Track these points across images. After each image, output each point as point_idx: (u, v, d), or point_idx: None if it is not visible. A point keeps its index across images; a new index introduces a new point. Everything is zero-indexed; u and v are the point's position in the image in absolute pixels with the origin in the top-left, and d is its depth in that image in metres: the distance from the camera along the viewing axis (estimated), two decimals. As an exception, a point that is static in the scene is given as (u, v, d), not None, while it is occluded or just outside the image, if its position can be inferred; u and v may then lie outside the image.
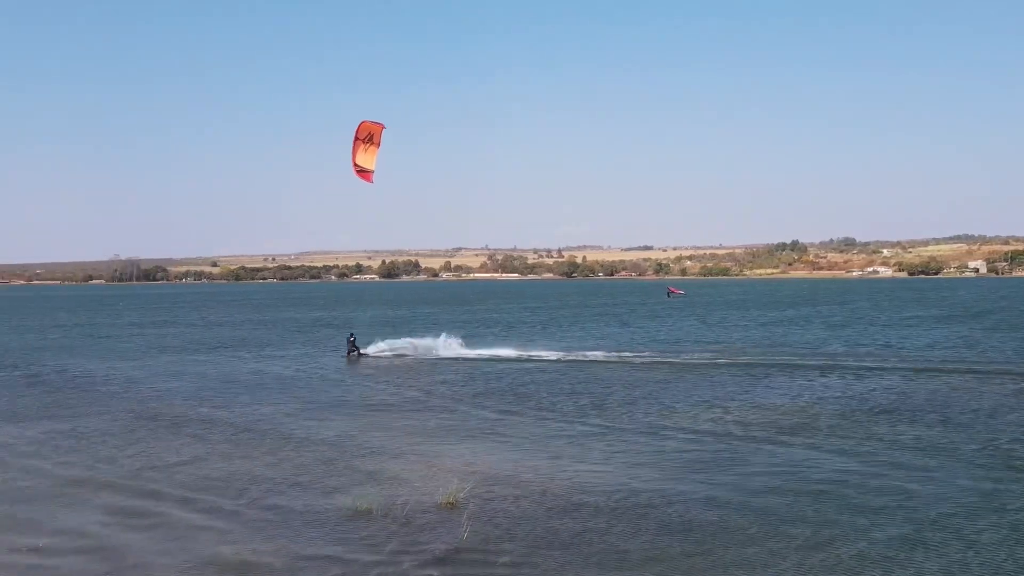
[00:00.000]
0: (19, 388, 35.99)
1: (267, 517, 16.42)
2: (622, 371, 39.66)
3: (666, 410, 28.34)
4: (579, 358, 45.27)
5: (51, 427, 26.26)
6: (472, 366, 42.49)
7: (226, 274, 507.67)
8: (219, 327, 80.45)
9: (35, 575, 13.46)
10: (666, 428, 25.25)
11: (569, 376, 37.79)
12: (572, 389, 33.53)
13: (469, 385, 35.27)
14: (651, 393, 32.21)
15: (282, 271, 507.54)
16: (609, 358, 45.17)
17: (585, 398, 31.15)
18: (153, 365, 45.22)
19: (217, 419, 27.65)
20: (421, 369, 41.41)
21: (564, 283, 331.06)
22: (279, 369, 42.90)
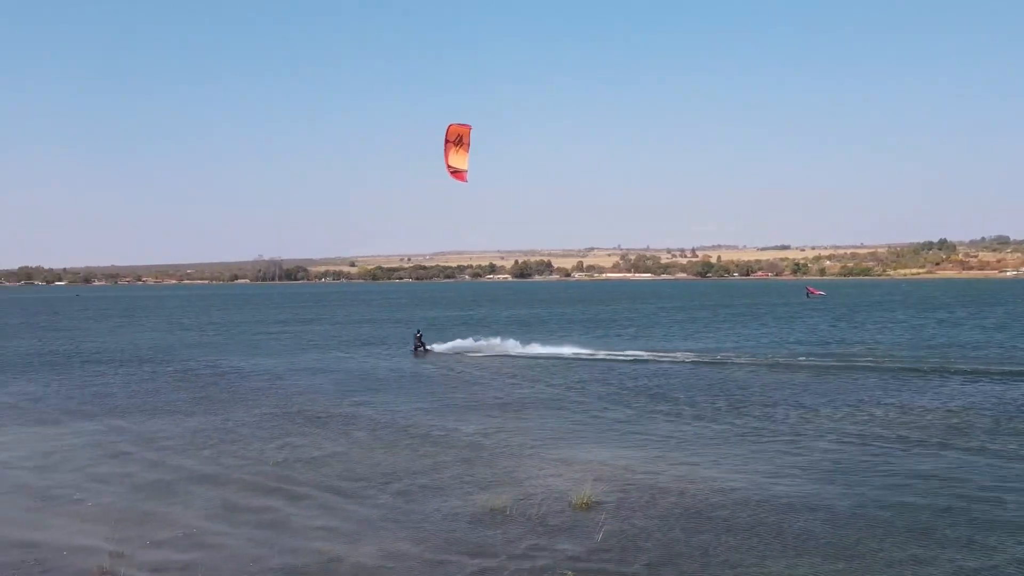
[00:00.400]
0: (173, 383, 37.64)
1: (405, 513, 16.63)
2: (760, 373, 38.63)
3: (808, 413, 27.40)
4: (716, 359, 44.33)
5: (203, 420, 27.30)
6: (607, 366, 42.13)
7: (363, 274, 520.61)
8: (359, 325, 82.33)
9: (186, 559, 13.90)
10: (808, 431, 24.40)
11: (706, 377, 37.04)
12: (709, 390, 32.81)
13: (604, 385, 34.94)
14: (791, 395, 31.22)
15: (417, 271, 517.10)
16: (746, 359, 44.05)
17: (723, 399, 30.43)
18: (297, 361, 46.61)
19: (358, 415, 28.23)
20: (555, 369, 41.24)
21: (698, 283, 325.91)
22: (417, 367, 43.55)
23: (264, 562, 13.78)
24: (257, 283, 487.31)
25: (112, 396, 33.25)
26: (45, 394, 34.03)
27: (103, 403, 31.32)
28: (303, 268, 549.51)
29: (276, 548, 14.39)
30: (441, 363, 44.88)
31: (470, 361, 45.47)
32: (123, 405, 30.75)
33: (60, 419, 27.77)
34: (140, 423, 26.89)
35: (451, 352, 50.20)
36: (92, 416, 28.32)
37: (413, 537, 15.01)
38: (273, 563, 13.71)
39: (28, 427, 26.27)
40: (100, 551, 14.18)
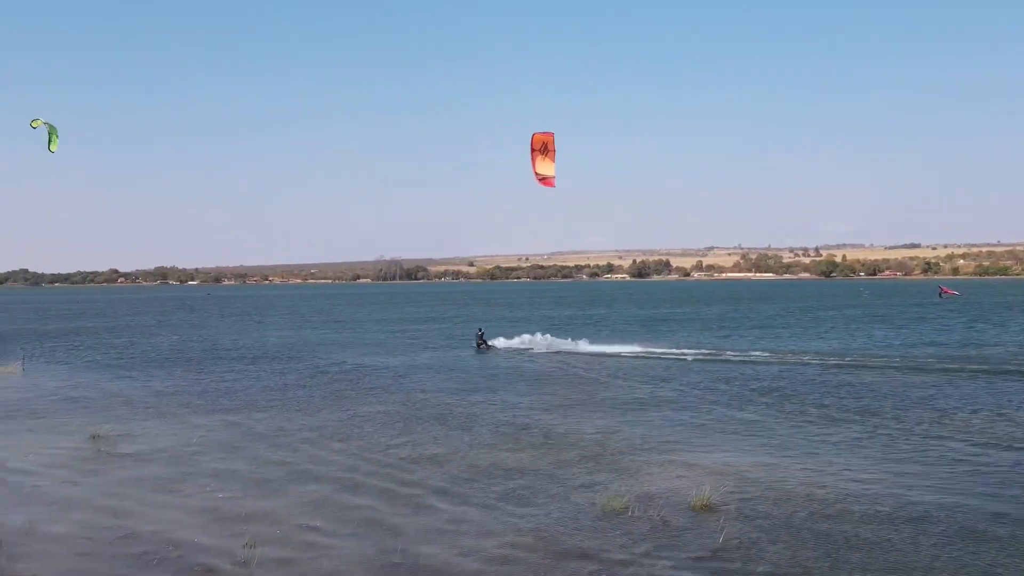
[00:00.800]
0: (301, 380, 38.86)
1: (526, 511, 16.67)
2: (891, 375, 37.24)
3: (944, 417, 26.26)
4: (844, 361, 43.07)
5: (329, 417, 28.11)
6: (729, 367, 41.44)
7: (482, 273, 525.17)
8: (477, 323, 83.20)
9: (313, 553, 14.30)
10: (943, 436, 23.36)
11: (834, 379, 35.96)
12: (837, 392, 31.88)
13: (726, 385, 34.40)
14: (925, 399, 30.02)
15: (535, 270, 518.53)
16: (877, 361, 42.65)
17: (852, 402, 29.53)
18: (419, 359, 47.53)
19: (478, 413, 28.56)
20: (672, 368, 40.87)
21: (822, 283, 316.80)
22: (536, 365, 43.83)
23: (386, 556, 14.01)
24: (378, 282, 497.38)
25: (243, 392, 34.54)
26: (180, 389, 35.56)
27: (235, 398, 32.57)
28: (423, 268, 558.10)
29: (399, 543, 14.60)
30: (558, 362, 44.97)
31: (584, 361, 45.41)
32: (253, 400, 31.90)
33: (193, 413, 28.95)
34: (270, 418, 27.81)
35: (510, 348, 53.14)
36: (224, 411, 29.44)
37: (534, 536, 15.03)
38: (395, 559, 13.91)
39: (163, 420, 27.50)
40: (232, 540, 14.70)
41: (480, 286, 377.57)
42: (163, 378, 39.59)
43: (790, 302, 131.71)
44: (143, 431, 25.38)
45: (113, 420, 27.08)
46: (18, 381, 38.72)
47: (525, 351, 51.15)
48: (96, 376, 40.68)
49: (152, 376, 40.49)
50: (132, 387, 36.25)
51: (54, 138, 25.15)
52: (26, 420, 27.40)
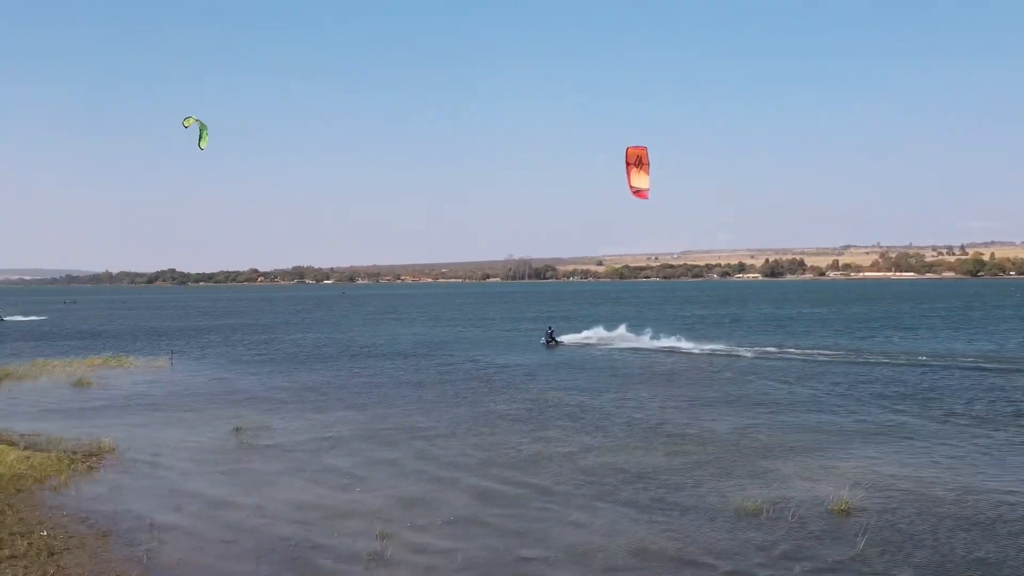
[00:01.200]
0: (436, 376, 39.47)
1: (658, 510, 16.47)
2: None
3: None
4: (996, 363, 40.93)
5: (463, 412, 28.43)
6: (868, 368, 39.92)
7: (610, 273, 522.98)
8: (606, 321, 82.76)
9: (444, 548, 14.45)
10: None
11: (985, 382, 34.14)
12: (989, 395, 30.28)
13: (866, 386, 33.12)
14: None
15: (665, 270, 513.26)
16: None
17: (1004, 406, 27.99)
18: (550, 357, 47.58)
19: (611, 410, 28.38)
20: (806, 368, 39.65)
21: (968, 283, 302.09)
22: (669, 365, 43.26)
23: (516, 552, 14.07)
24: (507, 282, 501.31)
25: (379, 387, 35.31)
26: (318, 384, 36.61)
27: (370, 394, 33.31)
28: (552, 267, 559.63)
29: (529, 539, 14.65)
30: (690, 361, 44.30)
31: (719, 359, 44.58)
32: (389, 396, 32.55)
33: (331, 408, 29.73)
34: (404, 414, 28.31)
35: (577, 343, 55.44)
36: (360, 406, 30.14)
37: (666, 535, 14.84)
38: (525, 553, 13.97)
39: (305, 414, 28.32)
40: (366, 533, 14.98)
41: (609, 285, 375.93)
42: (302, 374, 40.84)
43: (935, 302, 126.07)
44: (282, 424, 26.20)
45: (254, 413, 28.11)
46: (167, 375, 40.62)
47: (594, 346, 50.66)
48: (239, 371, 42.30)
49: (291, 372, 41.83)
50: (272, 382, 37.52)
51: (204, 135, 26.15)
52: (175, 412, 28.67)
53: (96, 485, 18.37)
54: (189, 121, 25.57)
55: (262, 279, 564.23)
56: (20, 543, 13.87)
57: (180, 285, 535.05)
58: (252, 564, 13.54)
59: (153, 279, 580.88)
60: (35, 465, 19.21)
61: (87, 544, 14.15)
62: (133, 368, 42.91)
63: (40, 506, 16.41)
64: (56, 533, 14.58)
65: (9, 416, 27.55)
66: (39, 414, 28.28)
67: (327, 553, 14.04)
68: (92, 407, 29.94)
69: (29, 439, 22.69)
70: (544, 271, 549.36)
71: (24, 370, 40.31)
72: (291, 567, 13.43)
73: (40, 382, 37.28)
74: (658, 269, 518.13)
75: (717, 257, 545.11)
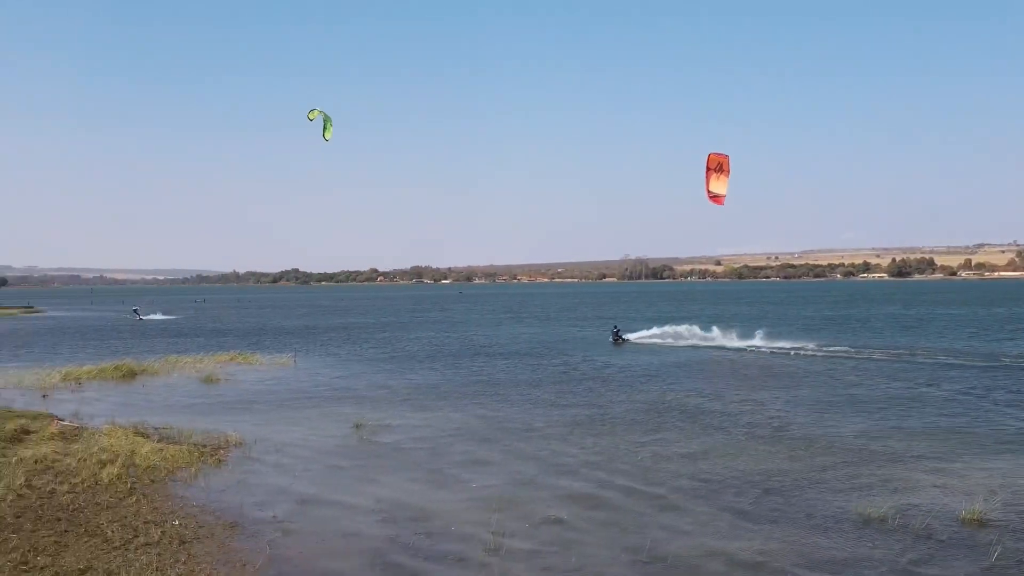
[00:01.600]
0: (554, 376, 39.48)
1: (779, 514, 16.09)
2: None
3: None
4: None
5: (580, 412, 28.33)
6: (1007, 372, 38.04)
7: (729, 272, 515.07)
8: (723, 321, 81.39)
9: (560, 546, 14.42)
10: None
11: None
12: None
13: (1004, 392, 31.50)
14: None
15: (785, 269, 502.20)
16: None
17: None
18: (667, 357, 46.96)
19: (731, 412, 27.84)
20: (938, 372, 37.99)
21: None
22: (792, 366, 42.13)
23: (631, 555, 13.93)
24: (623, 281, 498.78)
25: (498, 386, 35.53)
26: (437, 382, 37.06)
27: (488, 392, 33.55)
28: (668, 267, 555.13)
29: (645, 542, 14.46)
30: (812, 363, 43.02)
31: (843, 361, 43.16)
32: (507, 394, 32.75)
33: (449, 406, 30.09)
34: (523, 412, 28.44)
35: (642, 340, 58.08)
36: (478, 404, 30.41)
37: (786, 540, 14.48)
38: (640, 557, 13.83)
39: (424, 412, 28.67)
40: (482, 531, 15.10)
41: (727, 285, 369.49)
42: (421, 372, 41.44)
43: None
44: (401, 422, 26.59)
45: (374, 410, 28.62)
46: (291, 372, 41.76)
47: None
48: (360, 368, 43.20)
49: (411, 370, 42.48)
50: (392, 380, 38.17)
51: (328, 126, 26.58)
52: (297, 408, 29.43)
53: (223, 477, 18.99)
54: (314, 114, 26.08)
55: (381, 279, 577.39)
56: (154, 531, 14.45)
57: (303, 284, 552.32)
58: (370, 558, 13.78)
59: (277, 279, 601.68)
60: (167, 457, 19.98)
61: (215, 534, 14.64)
62: (258, 365, 44.31)
63: (172, 496, 17.07)
64: (187, 523, 15.14)
65: (143, 410, 28.78)
66: (171, 408, 29.46)
67: (443, 550, 14.19)
68: (220, 403, 31.02)
69: (162, 432, 23.64)
70: (661, 271, 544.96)
71: (157, 366, 42.10)
72: (408, 563, 13.59)
73: (172, 378, 38.86)
74: (778, 269, 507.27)
75: (840, 256, 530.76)
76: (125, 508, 15.92)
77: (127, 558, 13.08)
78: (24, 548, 13.35)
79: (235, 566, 13.10)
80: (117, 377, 38.49)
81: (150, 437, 22.67)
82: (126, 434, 22.36)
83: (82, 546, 13.59)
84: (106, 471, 18.30)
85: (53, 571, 12.43)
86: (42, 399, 31.62)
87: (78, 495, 16.71)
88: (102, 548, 13.52)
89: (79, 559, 12.96)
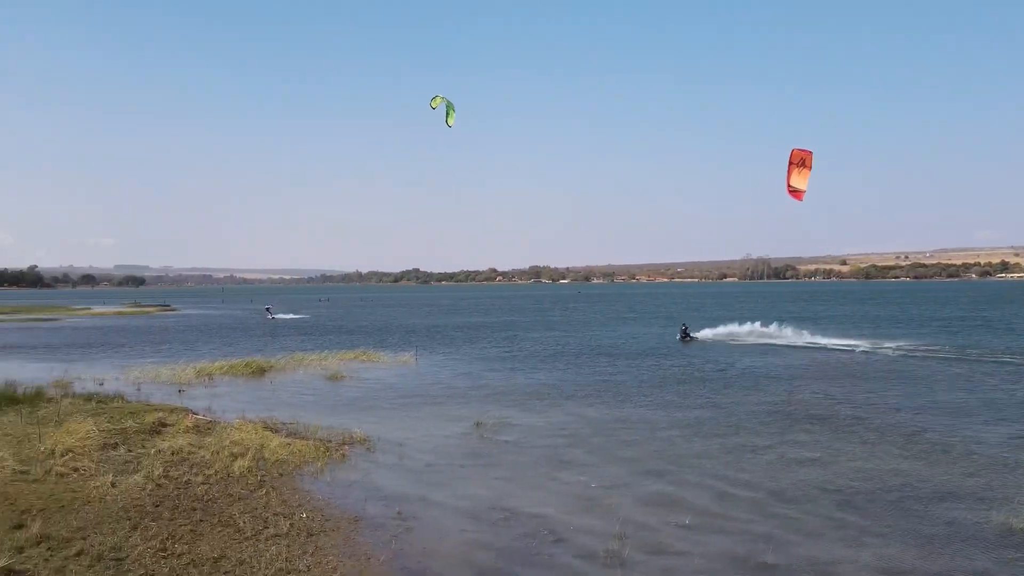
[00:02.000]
0: (677, 375, 39.02)
1: (910, 523, 15.46)
2: None
3: None
4: None
5: (703, 413, 27.92)
6: None
7: (855, 272, 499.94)
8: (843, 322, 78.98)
9: (682, 550, 14.23)
10: None
11: None
12: None
13: None
14: None
15: (915, 269, 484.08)
16: None
17: None
18: (794, 359, 45.83)
19: (861, 415, 26.87)
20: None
21: None
22: (927, 367, 40.55)
23: (756, 559, 13.64)
24: (745, 281, 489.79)
25: (620, 386, 35.25)
26: (560, 381, 37.02)
27: (612, 392, 33.27)
28: (791, 267, 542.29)
29: (769, 546, 14.15)
30: (945, 363, 41.25)
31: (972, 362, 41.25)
32: (630, 394, 32.47)
33: (573, 405, 30.00)
34: (646, 412, 28.17)
35: (714, 339, 59.67)
36: (600, 404, 30.22)
37: (917, 550, 13.91)
38: (765, 560, 13.53)
39: (545, 411, 28.68)
40: (604, 531, 15.00)
41: (853, 285, 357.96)
42: (542, 371, 41.50)
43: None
44: (522, 420, 26.69)
45: (495, 408, 28.83)
46: (413, 370, 42.44)
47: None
48: (481, 367, 43.55)
49: (532, 368, 42.65)
50: (513, 378, 38.36)
51: (451, 113, 26.86)
52: (419, 406, 29.87)
53: (348, 472, 19.41)
54: (436, 101, 26.41)
55: (500, 278, 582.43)
56: (283, 523, 14.90)
57: (423, 284, 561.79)
58: (491, 556, 13.85)
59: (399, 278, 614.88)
60: (295, 451, 20.57)
61: (340, 527, 14.98)
62: (381, 363, 45.19)
63: (299, 490, 17.55)
64: (314, 516, 15.55)
65: (272, 405, 29.72)
66: (297, 404, 30.31)
67: (564, 550, 14.15)
68: (344, 400, 31.76)
69: (290, 427, 24.37)
70: (784, 270, 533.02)
71: (285, 363, 43.47)
72: (529, 562, 13.61)
73: (299, 374, 40.02)
74: (908, 269, 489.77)
75: (976, 255, 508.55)
76: (256, 500, 16.47)
77: (258, 548, 13.51)
78: (163, 535, 13.95)
79: (360, 559, 13.37)
80: (247, 373, 39.90)
81: (278, 432, 23.39)
82: (256, 428, 23.14)
83: (216, 535, 14.11)
84: (237, 464, 19.00)
85: (189, 558, 12.93)
86: (178, 394, 33.00)
87: (211, 486, 17.38)
88: (234, 538, 14.01)
89: (213, 548, 13.46)
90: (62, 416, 24.75)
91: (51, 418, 24.49)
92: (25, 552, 12.82)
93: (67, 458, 19.29)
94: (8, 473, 17.84)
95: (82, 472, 18.29)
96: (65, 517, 14.84)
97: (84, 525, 14.41)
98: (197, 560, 12.88)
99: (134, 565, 12.57)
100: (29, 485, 17.00)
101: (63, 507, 15.47)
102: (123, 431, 22.58)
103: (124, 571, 12.32)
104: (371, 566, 13.14)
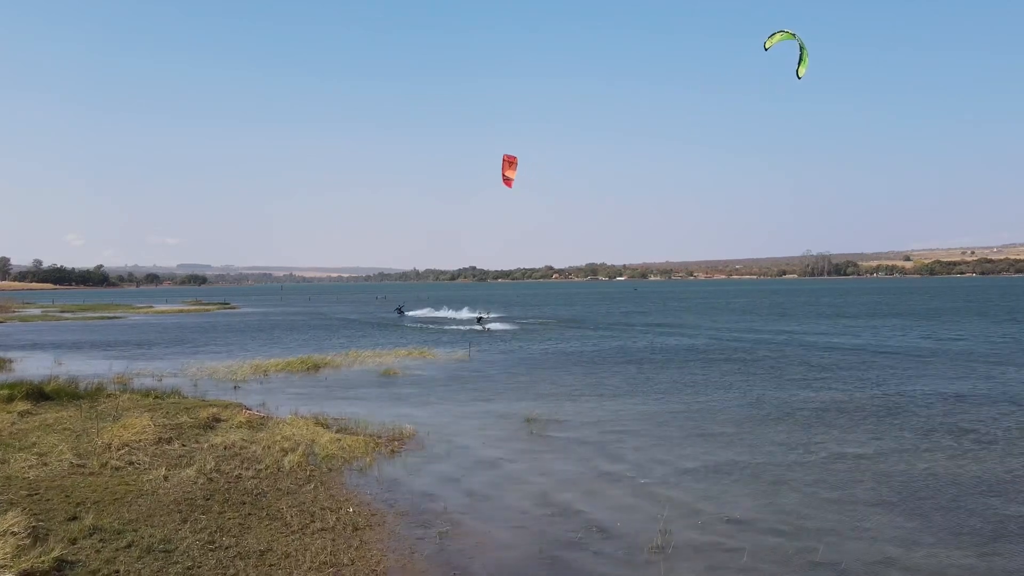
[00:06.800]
0: (733, 371, 38.67)
1: (963, 524, 15.08)
2: None
3: None
4: None
5: (756, 411, 27.60)
6: None
7: (919, 268, 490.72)
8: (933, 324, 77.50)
9: (730, 546, 14.01)
10: None
11: None
12: None
13: None
14: None
15: (982, 265, 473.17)
16: None
17: None
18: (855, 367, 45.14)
19: (935, 414, 26.29)
20: None
21: None
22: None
23: (805, 556, 13.38)
24: (804, 278, 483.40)
25: (677, 382, 34.97)
26: (613, 378, 36.86)
27: (669, 389, 33.09)
28: (853, 263, 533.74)
29: (820, 544, 13.86)
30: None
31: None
32: (686, 391, 32.23)
33: (626, 401, 29.87)
34: (702, 409, 27.92)
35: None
36: (657, 400, 30.07)
37: (973, 552, 13.55)
38: (814, 559, 13.27)
39: (597, 408, 28.52)
40: (650, 527, 14.88)
41: (916, 282, 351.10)
42: (596, 368, 41.37)
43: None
44: (573, 417, 26.58)
45: (546, 405, 28.76)
46: (467, 366, 42.59)
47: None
48: (534, 364, 43.56)
49: (585, 365, 42.52)
50: (567, 375, 38.27)
51: (805, 59, 20.95)
52: (471, 402, 29.95)
53: (397, 468, 19.49)
54: (773, 40, 20.18)
55: (556, 276, 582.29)
56: (330, 517, 15.00)
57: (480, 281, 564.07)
58: (537, 552, 13.77)
59: (455, 276, 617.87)
60: (345, 447, 20.72)
61: (387, 522, 15.04)
62: (435, 360, 45.40)
63: (347, 485, 17.67)
64: (360, 510, 15.63)
65: (324, 401, 30.00)
66: (350, 400, 30.55)
67: (610, 545, 14.02)
68: (396, 395, 31.96)
69: (340, 423, 24.55)
70: (844, 267, 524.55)
71: (339, 360, 43.92)
72: (575, 558, 13.50)
73: (353, 371, 40.39)
74: (974, 264, 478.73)
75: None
76: (304, 494, 16.61)
77: (304, 542, 13.61)
78: (212, 528, 14.13)
79: (404, 554, 13.39)
80: (302, 370, 40.40)
81: (329, 427, 23.59)
82: (307, 424, 23.38)
83: (263, 529, 14.25)
84: (288, 459, 19.20)
85: (236, 551, 13.07)
86: (233, 389, 33.50)
87: (261, 480, 17.58)
88: (281, 531, 14.13)
89: (260, 541, 13.59)
90: (120, 411, 25.31)
91: (110, 413, 25.08)
92: (78, 543, 13.07)
93: (123, 452, 19.71)
94: (66, 466, 18.27)
95: (137, 466, 18.65)
96: (118, 509, 15.12)
97: (136, 517, 14.66)
98: (244, 553, 13.01)
99: (182, 557, 12.74)
100: (85, 478, 17.39)
101: (116, 500, 15.77)
102: (178, 426, 22.99)
103: (172, 563, 12.49)
104: (415, 561, 13.15)
